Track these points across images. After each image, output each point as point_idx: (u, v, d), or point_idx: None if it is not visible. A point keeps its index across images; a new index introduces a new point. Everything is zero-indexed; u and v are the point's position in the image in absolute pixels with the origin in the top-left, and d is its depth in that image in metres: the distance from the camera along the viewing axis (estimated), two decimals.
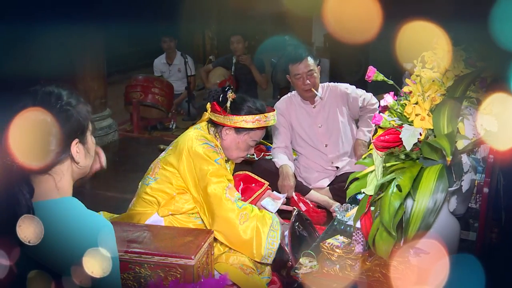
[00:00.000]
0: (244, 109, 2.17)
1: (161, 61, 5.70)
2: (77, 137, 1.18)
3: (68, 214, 1.14)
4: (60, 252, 1.08)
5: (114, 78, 6.57)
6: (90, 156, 1.25)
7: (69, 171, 1.19)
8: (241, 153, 2.26)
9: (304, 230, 2.22)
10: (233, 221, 2.02)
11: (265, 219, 2.06)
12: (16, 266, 1.07)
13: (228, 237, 2.05)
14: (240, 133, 2.20)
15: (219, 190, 2.05)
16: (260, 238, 2.02)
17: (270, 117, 2.20)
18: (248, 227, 2.02)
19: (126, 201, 2.34)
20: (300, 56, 2.94)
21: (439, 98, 1.50)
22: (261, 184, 2.40)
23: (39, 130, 1.11)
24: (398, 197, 1.38)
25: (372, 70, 1.63)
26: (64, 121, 1.14)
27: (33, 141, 1.10)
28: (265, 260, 2.05)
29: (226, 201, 2.04)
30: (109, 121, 4.63)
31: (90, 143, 1.24)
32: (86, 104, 1.22)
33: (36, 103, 1.12)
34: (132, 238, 1.88)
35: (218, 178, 2.07)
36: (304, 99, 3.10)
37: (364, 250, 1.70)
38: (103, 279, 1.08)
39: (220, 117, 2.17)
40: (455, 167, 1.48)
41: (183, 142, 2.15)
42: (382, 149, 1.53)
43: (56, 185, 1.16)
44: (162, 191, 2.14)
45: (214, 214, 2.05)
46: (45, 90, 1.15)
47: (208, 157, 2.09)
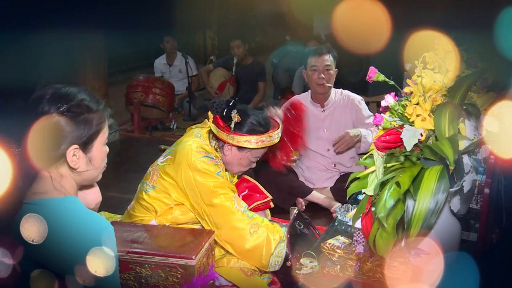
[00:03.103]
0: (247, 126, 2.09)
1: (162, 61, 5.70)
2: (78, 143, 1.16)
3: (68, 214, 1.14)
4: (59, 251, 1.08)
5: (115, 78, 6.58)
6: (94, 167, 1.21)
7: (69, 175, 1.18)
8: (243, 168, 2.22)
9: (305, 228, 2.22)
10: (243, 231, 2.00)
11: (275, 230, 2.05)
12: (19, 265, 1.07)
13: (236, 246, 2.03)
14: (242, 150, 2.14)
15: (227, 201, 2.03)
16: (269, 249, 2.01)
17: (274, 136, 2.13)
18: (258, 238, 2.00)
19: (127, 201, 2.34)
20: (321, 50, 3.03)
21: (440, 98, 1.50)
22: (265, 196, 2.39)
23: (41, 124, 1.11)
24: (396, 193, 1.38)
25: (373, 71, 1.63)
26: (68, 123, 1.13)
27: (35, 135, 1.10)
28: (271, 269, 2.05)
29: (235, 211, 2.02)
30: (110, 121, 4.60)
31: (96, 153, 1.20)
32: (104, 112, 1.19)
33: (50, 98, 1.12)
34: (133, 238, 1.88)
35: (223, 190, 2.04)
36: (316, 95, 3.08)
37: (365, 250, 1.70)
38: (103, 278, 1.08)
39: (223, 134, 2.09)
40: (457, 168, 1.47)
41: (182, 153, 2.08)
42: (383, 149, 1.53)
43: (55, 184, 1.15)
44: (160, 200, 2.11)
45: (221, 224, 2.03)
46: (64, 90, 1.15)
47: (209, 171, 2.05)
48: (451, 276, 1.37)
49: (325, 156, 3.11)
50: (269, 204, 2.42)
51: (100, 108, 1.19)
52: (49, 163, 1.15)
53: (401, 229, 1.43)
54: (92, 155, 1.19)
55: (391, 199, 1.37)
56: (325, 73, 2.98)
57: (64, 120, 1.13)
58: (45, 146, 1.12)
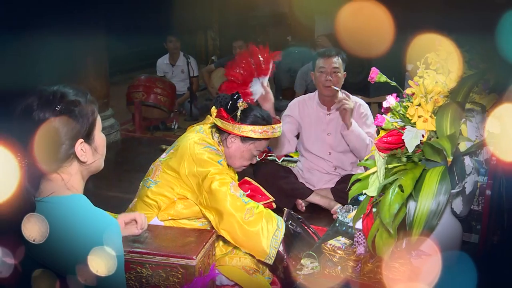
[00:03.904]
0: (251, 118, 2.15)
1: (164, 61, 5.69)
2: (82, 137, 1.17)
3: (75, 211, 1.14)
4: (65, 247, 1.09)
5: (117, 78, 6.59)
6: (99, 154, 1.24)
7: (78, 171, 1.20)
8: (244, 162, 2.24)
9: (298, 227, 2.22)
10: (239, 215, 1.99)
11: (271, 216, 2.04)
12: (21, 265, 1.07)
13: (233, 233, 2.01)
14: (245, 142, 2.18)
15: (224, 186, 2.03)
16: (265, 235, 1.99)
17: (277, 128, 2.20)
18: (253, 223, 1.98)
19: (128, 201, 2.34)
20: (330, 52, 3.00)
21: (442, 100, 1.50)
22: (267, 198, 2.40)
23: (42, 131, 1.11)
24: (400, 197, 1.38)
25: (375, 72, 1.63)
26: (66, 122, 1.14)
27: (38, 143, 1.10)
28: (268, 259, 2.04)
29: (231, 196, 2.01)
30: (111, 121, 4.64)
31: (98, 142, 1.23)
32: (93, 102, 1.21)
33: (40, 104, 1.12)
34: (133, 238, 1.88)
35: (221, 176, 2.05)
36: (323, 97, 3.05)
37: (365, 251, 1.70)
38: (108, 276, 1.09)
39: (228, 125, 2.14)
40: (458, 169, 1.47)
41: (184, 146, 2.12)
42: (384, 150, 1.53)
43: (65, 184, 1.17)
44: (162, 195, 2.12)
45: (221, 211, 2.02)
46: (49, 90, 1.15)
47: (211, 159, 2.07)
48: (451, 277, 1.37)
49: (326, 160, 3.11)
50: (272, 205, 2.42)
51: (88, 98, 1.21)
52: (59, 165, 1.16)
53: (402, 230, 1.43)
54: (96, 144, 1.22)
55: (395, 203, 1.37)
56: (332, 75, 2.94)
57: (63, 120, 1.13)
58: (52, 150, 1.13)
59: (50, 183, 1.16)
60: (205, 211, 2.09)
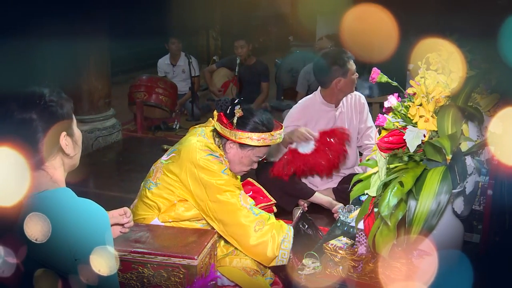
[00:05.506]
0: (250, 125, 2.10)
1: (165, 61, 5.69)
2: (65, 130, 1.22)
3: (64, 204, 1.16)
4: (61, 242, 1.10)
5: (118, 78, 6.59)
6: (79, 147, 1.29)
7: (61, 164, 1.24)
8: (244, 168, 2.22)
9: (309, 228, 2.22)
10: (248, 228, 2.01)
11: (281, 227, 2.05)
12: (23, 264, 1.08)
13: (241, 242, 2.04)
14: (244, 148, 2.14)
15: (233, 198, 2.04)
16: (274, 246, 2.01)
17: (277, 135, 2.14)
18: (263, 235, 2.01)
19: (130, 201, 2.34)
20: (353, 56, 3.06)
21: (444, 100, 1.49)
22: (268, 200, 2.40)
23: (26, 129, 1.15)
24: (400, 192, 1.38)
25: (376, 72, 1.63)
26: (49, 117, 1.18)
27: (21, 141, 1.14)
28: (279, 263, 2.05)
29: (241, 208, 2.03)
30: (113, 121, 4.64)
31: (77, 135, 1.28)
32: (69, 100, 1.26)
33: (20, 103, 1.16)
34: (135, 238, 1.88)
35: (229, 187, 2.05)
36: (339, 96, 3.06)
37: (367, 251, 1.70)
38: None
39: (226, 131, 2.11)
40: (459, 169, 1.47)
41: (186, 152, 2.10)
42: (386, 150, 1.53)
43: (51, 178, 1.20)
44: (163, 197, 2.12)
45: (226, 221, 2.04)
46: (27, 91, 1.19)
47: (213, 169, 2.06)
48: (451, 276, 1.37)
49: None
50: (272, 208, 2.42)
51: (62, 94, 1.25)
52: (46, 159, 1.20)
53: (402, 229, 1.43)
54: (76, 138, 1.27)
55: (394, 198, 1.37)
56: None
57: (46, 117, 1.17)
58: (39, 146, 1.17)
59: (37, 179, 1.18)
60: (207, 218, 2.09)
